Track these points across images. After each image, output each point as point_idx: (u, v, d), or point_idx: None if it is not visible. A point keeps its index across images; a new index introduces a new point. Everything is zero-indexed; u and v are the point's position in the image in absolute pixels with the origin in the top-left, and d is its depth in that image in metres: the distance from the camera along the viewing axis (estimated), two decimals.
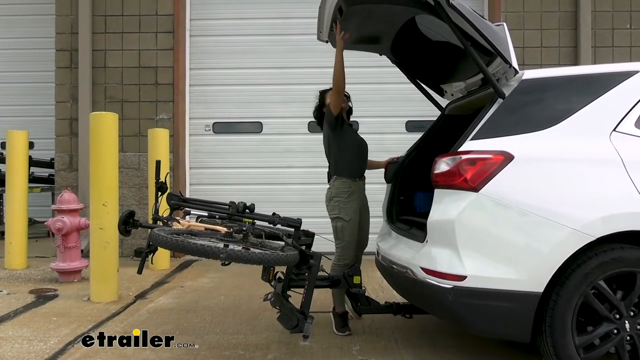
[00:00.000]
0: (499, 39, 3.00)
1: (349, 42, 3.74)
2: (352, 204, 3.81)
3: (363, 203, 3.97)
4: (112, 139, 4.87)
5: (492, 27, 3.01)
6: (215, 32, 7.43)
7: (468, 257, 2.66)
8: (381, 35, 3.83)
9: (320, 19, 3.40)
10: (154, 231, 2.87)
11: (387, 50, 4.03)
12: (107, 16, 7.19)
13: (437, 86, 4.21)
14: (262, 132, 7.41)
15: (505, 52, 2.98)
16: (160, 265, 6.15)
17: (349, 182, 3.83)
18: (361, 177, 3.97)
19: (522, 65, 6.74)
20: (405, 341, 3.68)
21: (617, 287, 2.66)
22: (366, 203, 4.02)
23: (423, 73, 4.17)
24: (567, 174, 2.66)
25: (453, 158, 2.79)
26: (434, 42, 3.67)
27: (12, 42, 9.32)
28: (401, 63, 4.15)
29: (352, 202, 3.82)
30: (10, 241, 6.19)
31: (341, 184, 3.82)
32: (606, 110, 2.79)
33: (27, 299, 4.79)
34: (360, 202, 3.91)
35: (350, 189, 3.82)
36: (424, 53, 3.85)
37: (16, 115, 9.15)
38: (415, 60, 4.02)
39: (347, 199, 3.80)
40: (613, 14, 7.02)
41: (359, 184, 3.93)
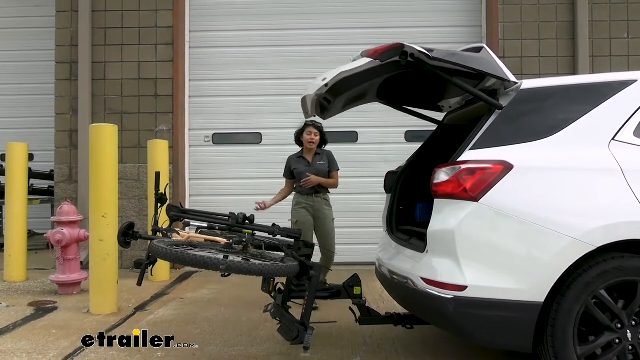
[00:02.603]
0: (485, 63, 3.00)
1: (337, 111, 3.85)
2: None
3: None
4: (111, 151, 4.88)
5: (474, 57, 3.01)
6: (215, 44, 7.47)
7: (468, 267, 2.65)
8: (366, 92, 3.83)
9: (304, 106, 3.42)
10: (154, 243, 2.87)
11: (373, 99, 4.02)
12: (106, 28, 7.23)
13: (433, 105, 4.21)
14: (261, 142, 7.42)
15: (496, 71, 2.99)
16: (160, 276, 6.13)
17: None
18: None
19: (520, 75, 6.78)
20: (406, 352, 3.66)
21: (618, 297, 2.65)
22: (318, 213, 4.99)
23: (415, 101, 4.17)
24: (566, 183, 2.66)
25: (452, 168, 2.79)
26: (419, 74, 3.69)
27: (12, 54, 9.36)
28: (390, 102, 4.14)
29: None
30: (10, 253, 6.18)
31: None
32: (605, 119, 2.79)
33: (27, 311, 4.77)
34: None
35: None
36: (411, 86, 3.85)
37: (16, 127, 9.16)
38: (404, 94, 4.02)
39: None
40: (610, 23, 7.06)
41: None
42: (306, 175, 4.94)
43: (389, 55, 2.97)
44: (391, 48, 2.95)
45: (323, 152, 5.15)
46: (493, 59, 3.05)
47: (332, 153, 5.20)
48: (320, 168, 5.02)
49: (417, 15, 7.41)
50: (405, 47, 2.89)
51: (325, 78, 3.08)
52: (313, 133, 5.00)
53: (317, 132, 5.01)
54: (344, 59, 7.50)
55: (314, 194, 4.99)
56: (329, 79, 3.07)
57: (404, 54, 2.89)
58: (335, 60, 7.22)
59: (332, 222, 5.03)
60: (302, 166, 5.03)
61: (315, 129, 5.01)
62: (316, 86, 3.13)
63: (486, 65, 2.99)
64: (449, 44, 7.27)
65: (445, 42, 7.30)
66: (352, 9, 7.43)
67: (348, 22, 7.41)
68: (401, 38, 7.40)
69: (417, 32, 7.35)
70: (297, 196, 5.07)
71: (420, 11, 7.41)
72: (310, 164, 5.04)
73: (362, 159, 7.22)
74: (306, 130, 5.03)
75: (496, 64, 3.03)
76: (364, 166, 7.14)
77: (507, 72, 3.01)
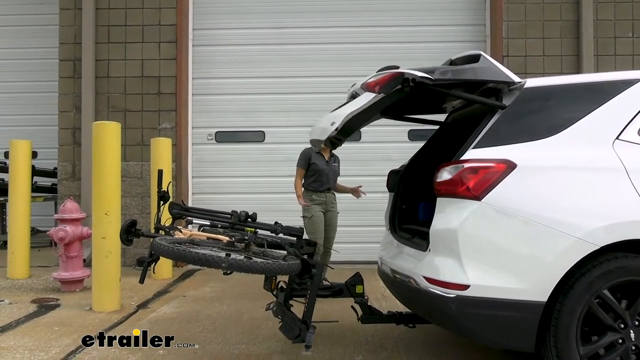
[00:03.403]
0: (487, 71, 2.98)
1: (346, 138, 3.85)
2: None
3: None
4: (114, 148, 4.88)
5: (475, 69, 2.98)
6: (218, 42, 7.47)
7: (471, 266, 2.64)
8: (370, 117, 3.81)
9: (314, 146, 3.40)
10: (156, 240, 2.87)
11: (377, 118, 4.01)
12: (110, 26, 7.23)
13: (436, 109, 4.19)
14: (264, 141, 7.42)
15: (499, 76, 2.97)
16: (162, 274, 6.14)
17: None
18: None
19: (525, 74, 6.76)
20: (408, 351, 3.65)
21: (621, 296, 2.63)
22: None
23: (417, 109, 4.14)
24: (570, 182, 2.65)
25: (455, 166, 2.78)
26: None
27: (16, 52, 9.38)
28: (393, 116, 4.12)
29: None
30: (13, 250, 6.19)
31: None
32: (609, 118, 2.77)
33: (29, 308, 4.78)
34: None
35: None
36: (412, 98, 3.83)
37: (20, 124, 9.19)
38: (406, 106, 3.99)
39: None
40: (615, 22, 7.03)
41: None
42: (325, 173, 5.24)
43: (392, 87, 2.96)
44: (392, 79, 2.94)
45: (335, 155, 5.43)
46: (493, 65, 3.02)
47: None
48: (335, 169, 5.42)
49: (419, 14, 7.39)
50: (405, 75, 2.88)
51: (334, 122, 3.03)
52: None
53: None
54: (347, 57, 7.55)
55: (326, 191, 5.28)
56: (338, 123, 3.02)
57: (405, 81, 2.89)
58: (338, 58, 7.32)
59: (337, 215, 5.36)
60: (322, 164, 5.27)
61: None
62: (326, 131, 3.08)
63: (488, 73, 2.97)
64: (452, 43, 7.27)
65: (448, 40, 7.30)
66: (355, 7, 7.42)
67: (351, 20, 7.40)
68: (403, 36, 7.46)
69: (419, 30, 7.35)
70: (309, 193, 5.27)
71: (422, 9, 7.39)
72: (328, 163, 5.32)
73: (365, 158, 7.22)
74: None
75: (497, 68, 3.01)
76: (366, 165, 7.14)
77: (508, 74, 2.99)
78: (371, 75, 3.16)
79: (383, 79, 2.97)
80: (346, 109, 3.06)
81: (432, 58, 7.26)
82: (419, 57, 7.28)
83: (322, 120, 3.23)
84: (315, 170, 5.23)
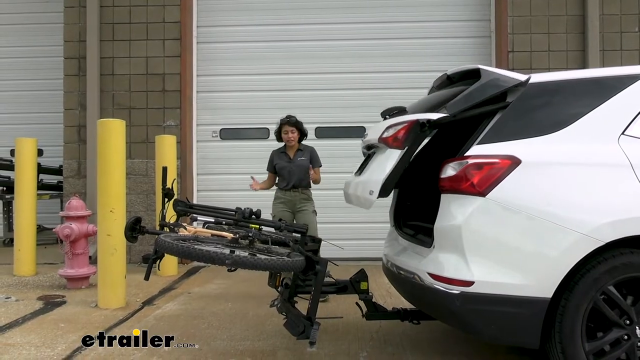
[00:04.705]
0: (494, 83, 2.92)
1: None
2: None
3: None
4: (119, 146, 4.90)
5: (483, 86, 2.91)
6: (222, 39, 7.47)
7: (475, 262, 2.64)
8: None
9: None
10: (160, 237, 2.87)
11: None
12: (114, 24, 7.24)
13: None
14: (269, 138, 7.41)
15: (507, 83, 2.91)
16: (167, 271, 6.16)
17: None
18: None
19: (530, 70, 6.73)
20: (413, 347, 3.65)
21: (627, 293, 2.63)
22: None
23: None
24: (575, 178, 2.64)
25: (459, 163, 2.78)
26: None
27: (21, 50, 9.40)
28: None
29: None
30: (19, 248, 6.23)
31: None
32: (614, 114, 2.76)
33: (35, 305, 4.81)
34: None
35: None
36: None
37: (25, 122, 9.21)
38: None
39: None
40: (621, 17, 6.97)
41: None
42: (287, 170, 5.10)
43: (413, 137, 3.00)
44: (410, 129, 2.98)
45: (306, 148, 5.25)
46: (497, 74, 2.95)
47: (315, 149, 5.29)
48: (301, 164, 5.12)
49: (424, 9, 7.35)
50: (420, 121, 2.93)
51: (372, 191, 3.06)
52: (290, 131, 5.11)
53: (293, 129, 5.11)
54: (353, 54, 7.50)
55: (291, 189, 5.10)
56: (375, 189, 3.05)
57: (422, 126, 2.94)
58: (344, 55, 7.30)
59: (312, 214, 5.10)
60: (284, 162, 5.16)
61: (291, 126, 5.11)
62: (369, 201, 3.12)
63: (497, 84, 2.91)
64: (456, 39, 7.26)
65: (453, 36, 7.27)
66: (358, 3, 7.39)
67: (357, 16, 7.37)
68: (408, 32, 7.43)
69: (424, 26, 7.32)
70: (277, 191, 5.22)
71: (427, 5, 7.36)
72: (291, 160, 5.16)
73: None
74: (283, 129, 5.17)
75: (503, 76, 2.94)
76: None
77: (514, 77, 2.93)
78: (381, 126, 3.19)
79: (402, 133, 3.01)
80: (379, 176, 3.06)
81: (436, 54, 7.26)
82: (424, 53, 7.27)
83: (358, 189, 3.30)
84: (278, 169, 5.19)
